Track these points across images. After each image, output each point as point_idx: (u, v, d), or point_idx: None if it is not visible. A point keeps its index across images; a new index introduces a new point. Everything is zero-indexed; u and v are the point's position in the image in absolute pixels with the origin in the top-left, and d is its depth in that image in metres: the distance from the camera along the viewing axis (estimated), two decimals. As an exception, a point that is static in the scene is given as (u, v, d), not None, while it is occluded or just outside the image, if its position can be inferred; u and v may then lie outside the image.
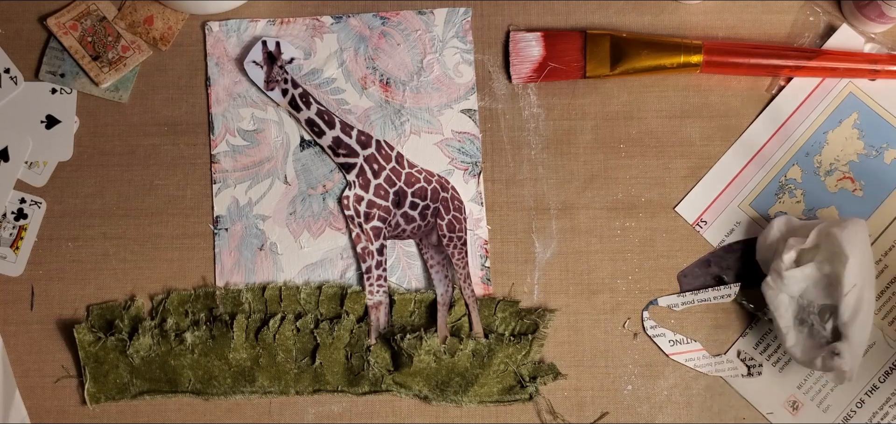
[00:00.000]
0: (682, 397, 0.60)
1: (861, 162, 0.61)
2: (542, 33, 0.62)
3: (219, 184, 0.62)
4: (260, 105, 0.62)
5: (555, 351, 0.61)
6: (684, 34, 0.62)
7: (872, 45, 0.62)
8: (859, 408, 0.60)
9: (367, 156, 0.61)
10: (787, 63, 0.61)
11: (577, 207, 0.62)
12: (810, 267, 0.56)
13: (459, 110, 0.62)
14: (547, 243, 0.61)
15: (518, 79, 0.62)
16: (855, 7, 0.61)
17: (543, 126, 0.62)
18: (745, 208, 0.61)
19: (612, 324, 0.61)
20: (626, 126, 0.62)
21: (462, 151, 0.62)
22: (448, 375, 0.60)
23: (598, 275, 0.61)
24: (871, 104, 0.61)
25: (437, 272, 0.61)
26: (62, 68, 0.63)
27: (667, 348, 0.60)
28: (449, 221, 0.61)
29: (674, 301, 0.61)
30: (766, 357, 0.60)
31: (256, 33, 0.63)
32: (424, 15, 0.63)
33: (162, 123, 0.63)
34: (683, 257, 0.61)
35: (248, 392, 0.60)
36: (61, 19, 0.63)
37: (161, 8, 0.63)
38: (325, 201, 0.62)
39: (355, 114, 0.62)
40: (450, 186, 0.62)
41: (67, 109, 0.62)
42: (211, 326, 0.60)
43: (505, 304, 0.61)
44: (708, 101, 0.62)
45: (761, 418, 0.60)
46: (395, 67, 0.63)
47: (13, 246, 0.62)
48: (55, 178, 0.62)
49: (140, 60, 0.63)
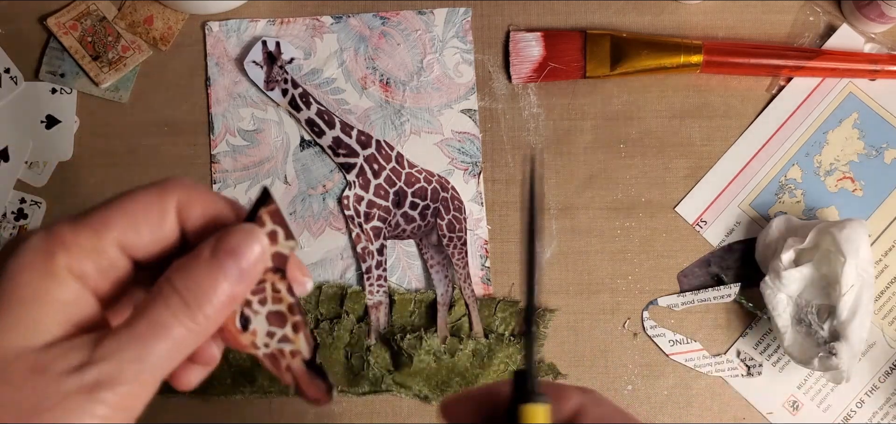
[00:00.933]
0: (682, 397, 0.60)
1: (861, 162, 0.61)
2: (542, 33, 0.62)
3: (219, 184, 0.62)
4: (260, 105, 0.62)
5: (555, 351, 0.61)
6: (684, 34, 0.62)
7: (872, 45, 0.62)
8: (859, 408, 0.60)
9: (367, 156, 0.61)
10: (787, 63, 0.61)
11: (577, 207, 0.62)
12: (808, 267, 0.56)
13: (459, 110, 0.62)
14: (547, 244, 0.61)
15: (518, 79, 0.62)
16: (855, 7, 0.61)
17: (543, 126, 0.62)
18: (745, 208, 0.61)
19: (612, 324, 0.61)
20: (626, 126, 0.62)
21: (462, 151, 0.62)
22: (448, 375, 0.60)
23: (598, 275, 0.61)
24: (871, 104, 0.61)
25: (437, 272, 0.61)
26: (62, 68, 0.63)
27: (667, 348, 0.60)
28: (449, 221, 0.61)
29: (674, 301, 0.61)
30: (766, 357, 0.60)
31: (256, 33, 0.63)
32: (424, 15, 0.63)
33: (162, 123, 0.63)
34: (683, 257, 0.61)
35: (248, 392, 0.60)
36: (61, 19, 0.63)
37: (161, 8, 0.63)
38: (324, 201, 0.62)
39: (355, 114, 0.62)
40: (450, 186, 0.62)
41: (67, 109, 0.62)
42: (211, 326, 0.60)
43: (505, 304, 0.61)
44: (708, 101, 0.62)
45: (761, 418, 0.60)
46: (395, 67, 0.63)
47: (13, 246, 0.62)
48: (55, 178, 0.62)
49: (140, 60, 0.63)
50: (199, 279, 0.29)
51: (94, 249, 0.29)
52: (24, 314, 0.27)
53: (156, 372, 0.28)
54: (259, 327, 0.31)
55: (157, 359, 0.28)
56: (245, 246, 0.29)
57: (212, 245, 0.29)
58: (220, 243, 0.29)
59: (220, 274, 0.29)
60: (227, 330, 0.31)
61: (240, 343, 0.31)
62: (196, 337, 0.29)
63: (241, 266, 0.29)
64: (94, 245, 0.29)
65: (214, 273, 0.29)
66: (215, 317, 0.29)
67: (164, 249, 0.30)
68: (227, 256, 0.29)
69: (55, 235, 0.28)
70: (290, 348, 0.32)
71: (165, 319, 0.28)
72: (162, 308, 0.28)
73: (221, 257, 0.29)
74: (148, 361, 0.27)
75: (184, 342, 0.28)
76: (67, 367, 0.27)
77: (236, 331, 0.31)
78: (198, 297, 0.28)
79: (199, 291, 0.28)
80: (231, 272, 0.29)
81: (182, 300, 0.28)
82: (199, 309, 0.28)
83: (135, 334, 0.27)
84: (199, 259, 0.29)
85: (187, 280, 0.28)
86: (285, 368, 0.32)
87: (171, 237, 0.30)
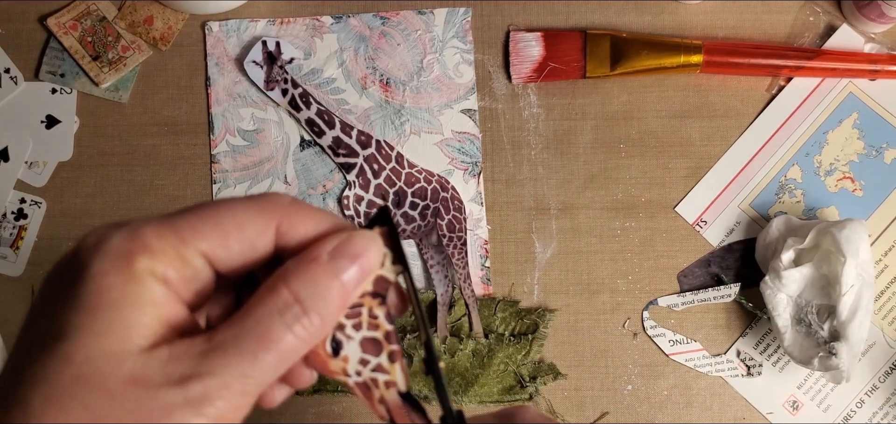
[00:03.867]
0: (682, 397, 0.60)
1: (861, 162, 0.61)
2: (542, 33, 0.62)
3: (219, 184, 0.62)
4: (260, 105, 0.62)
5: (555, 351, 0.61)
6: (684, 34, 0.62)
7: (872, 45, 0.62)
8: (859, 408, 0.60)
9: (367, 156, 0.61)
10: (787, 63, 0.61)
11: (577, 207, 0.62)
12: (808, 267, 0.56)
13: (459, 110, 0.62)
14: (547, 244, 0.61)
15: (518, 79, 0.62)
16: (855, 7, 0.61)
17: (543, 126, 0.62)
18: (745, 208, 0.61)
19: (612, 324, 0.61)
20: (626, 126, 0.62)
21: (462, 151, 0.62)
22: (448, 375, 0.60)
23: (598, 275, 0.61)
24: (871, 104, 0.61)
25: (437, 272, 0.61)
26: (62, 68, 0.63)
27: (667, 348, 0.60)
28: (449, 221, 0.61)
29: (674, 301, 0.61)
30: (766, 357, 0.60)
31: (256, 33, 0.63)
32: (424, 15, 0.63)
33: (162, 123, 0.63)
34: (683, 257, 0.61)
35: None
36: (61, 19, 0.63)
37: (161, 8, 0.63)
38: (325, 202, 0.62)
39: (355, 114, 0.62)
40: (450, 186, 0.62)
41: (67, 109, 0.62)
42: (211, 326, 0.60)
43: (505, 304, 0.61)
44: (708, 101, 0.62)
45: (761, 418, 0.60)
46: (395, 67, 0.63)
47: (13, 246, 0.62)
48: (55, 178, 0.62)
49: (140, 60, 0.63)
50: (317, 282, 0.27)
51: (178, 256, 0.27)
52: (115, 318, 0.25)
53: (260, 386, 0.26)
54: (351, 353, 0.29)
55: (262, 373, 0.26)
56: (370, 252, 0.28)
57: (331, 249, 0.28)
58: (343, 246, 0.28)
59: (339, 277, 0.27)
60: (316, 354, 0.29)
61: (329, 369, 0.29)
62: (304, 345, 0.27)
63: (364, 269, 0.28)
64: (178, 252, 0.27)
65: (332, 276, 0.27)
66: (329, 322, 0.28)
67: (252, 263, 0.29)
68: (349, 260, 0.28)
69: (138, 236, 0.26)
70: (385, 379, 0.29)
71: (276, 328, 0.26)
72: (274, 318, 0.26)
73: (342, 261, 0.27)
74: (254, 375, 0.26)
75: (292, 351, 0.27)
76: (170, 379, 0.25)
77: (326, 355, 0.29)
78: (315, 300, 0.27)
79: (317, 294, 0.27)
80: (352, 276, 0.28)
81: (300, 304, 0.27)
82: (314, 312, 0.27)
83: (242, 346, 0.26)
84: (318, 262, 0.27)
85: (305, 283, 0.27)
86: (379, 400, 0.30)
87: (264, 253, 0.29)
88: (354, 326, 0.29)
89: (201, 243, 0.27)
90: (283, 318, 0.26)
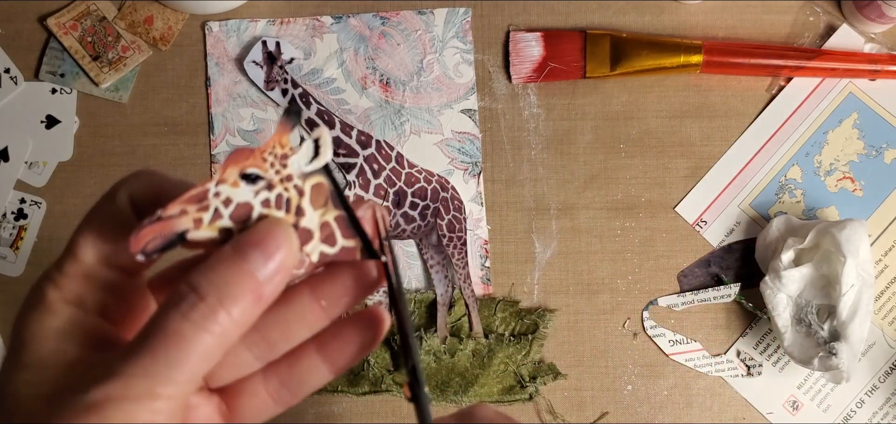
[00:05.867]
0: (682, 397, 0.60)
1: (861, 162, 0.61)
2: (542, 33, 0.62)
3: (219, 184, 0.62)
4: (260, 105, 0.62)
5: (555, 351, 0.61)
6: (684, 34, 0.62)
7: (872, 45, 0.62)
8: (859, 408, 0.60)
9: (367, 156, 0.61)
10: (787, 63, 0.61)
11: (577, 207, 0.62)
12: (808, 267, 0.56)
13: (459, 110, 0.62)
14: (547, 243, 0.61)
15: (518, 79, 0.62)
16: (855, 7, 0.61)
17: (543, 126, 0.62)
18: (745, 208, 0.61)
19: (612, 324, 0.61)
20: (626, 126, 0.62)
21: (462, 151, 0.62)
22: (448, 375, 0.60)
23: (598, 275, 0.61)
24: (871, 104, 0.61)
25: (437, 272, 0.61)
26: (62, 68, 0.63)
27: (667, 348, 0.60)
28: (449, 221, 0.61)
29: (674, 301, 0.61)
30: (766, 357, 0.60)
31: (256, 33, 0.63)
32: (424, 15, 0.63)
33: (162, 123, 0.63)
34: (683, 257, 0.61)
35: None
36: (61, 19, 0.63)
37: (161, 8, 0.63)
38: (325, 201, 0.62)
39: (355, 114, 0.62)
40: (450, 186, 0.62)
41: (67, 109, 0.62)
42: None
43: (505, 304, 0.61)
44: (708, 101, 0.62)
45: (761, 418, 0.60)
46: (395, 67, 0.63)
47: (13, 246, 0.62)
48: (55, 178, 0.62)
49: (140, 60, 0.63)
50: (216, 269, 0.27)
51: (77, 274, 0.28)
52: (28, 353, 0.27)
53: (168, 382, 0.26)
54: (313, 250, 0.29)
55: (166, 369, 0.26)
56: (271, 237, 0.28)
57: (233, 241, 0.28)
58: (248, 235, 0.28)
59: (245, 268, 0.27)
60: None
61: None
62: (220, 340, 0.27)
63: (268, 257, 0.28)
64: (76, 271, 0.28)
65: (238, 267, 0.27)
66: (242, 318, 0.27)
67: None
68: (251, 248, 0.27)
69: (45, 274, 0.29)
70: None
71: (177, 326, 0.26)
72: (173, 314, 0.26)
73: (245, 250, 0.27)
74: (157, 373, 0.26)
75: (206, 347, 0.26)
76: (75, 387, 0.26)
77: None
78: (220, 296, 0.26)
79: (223, 289, 0.26)
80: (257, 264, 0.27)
81: (204, 301, 0.26)
82: (221, 309, 0.26)
83: (146, 344, 0.26)
84: (221, 255, 0.27)
85: (203, 273, 0.27)
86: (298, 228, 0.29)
87: (124, 222, 0.29)
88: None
89: (87, 250, 0.29)
90: (190, 320, 0.26)
